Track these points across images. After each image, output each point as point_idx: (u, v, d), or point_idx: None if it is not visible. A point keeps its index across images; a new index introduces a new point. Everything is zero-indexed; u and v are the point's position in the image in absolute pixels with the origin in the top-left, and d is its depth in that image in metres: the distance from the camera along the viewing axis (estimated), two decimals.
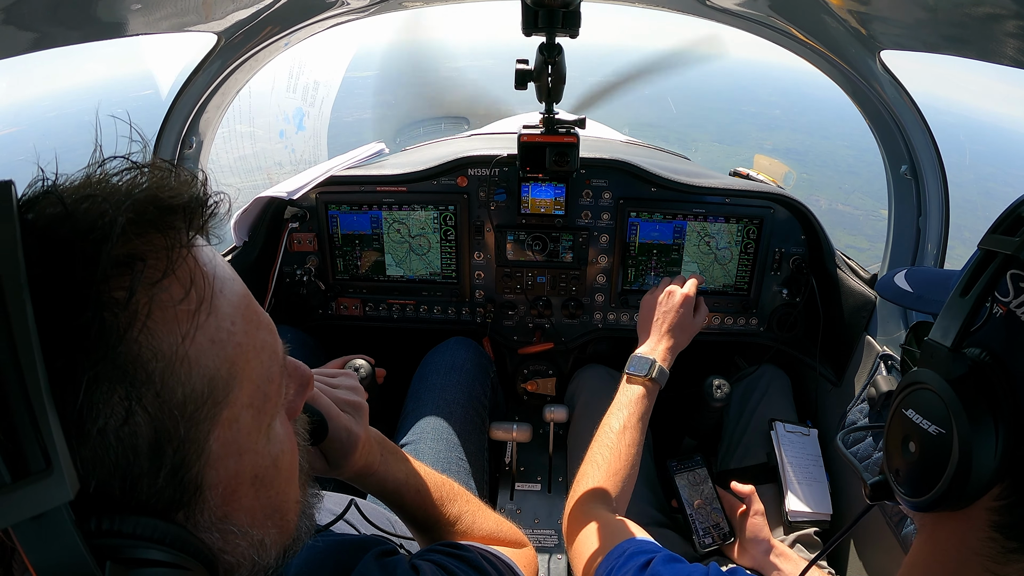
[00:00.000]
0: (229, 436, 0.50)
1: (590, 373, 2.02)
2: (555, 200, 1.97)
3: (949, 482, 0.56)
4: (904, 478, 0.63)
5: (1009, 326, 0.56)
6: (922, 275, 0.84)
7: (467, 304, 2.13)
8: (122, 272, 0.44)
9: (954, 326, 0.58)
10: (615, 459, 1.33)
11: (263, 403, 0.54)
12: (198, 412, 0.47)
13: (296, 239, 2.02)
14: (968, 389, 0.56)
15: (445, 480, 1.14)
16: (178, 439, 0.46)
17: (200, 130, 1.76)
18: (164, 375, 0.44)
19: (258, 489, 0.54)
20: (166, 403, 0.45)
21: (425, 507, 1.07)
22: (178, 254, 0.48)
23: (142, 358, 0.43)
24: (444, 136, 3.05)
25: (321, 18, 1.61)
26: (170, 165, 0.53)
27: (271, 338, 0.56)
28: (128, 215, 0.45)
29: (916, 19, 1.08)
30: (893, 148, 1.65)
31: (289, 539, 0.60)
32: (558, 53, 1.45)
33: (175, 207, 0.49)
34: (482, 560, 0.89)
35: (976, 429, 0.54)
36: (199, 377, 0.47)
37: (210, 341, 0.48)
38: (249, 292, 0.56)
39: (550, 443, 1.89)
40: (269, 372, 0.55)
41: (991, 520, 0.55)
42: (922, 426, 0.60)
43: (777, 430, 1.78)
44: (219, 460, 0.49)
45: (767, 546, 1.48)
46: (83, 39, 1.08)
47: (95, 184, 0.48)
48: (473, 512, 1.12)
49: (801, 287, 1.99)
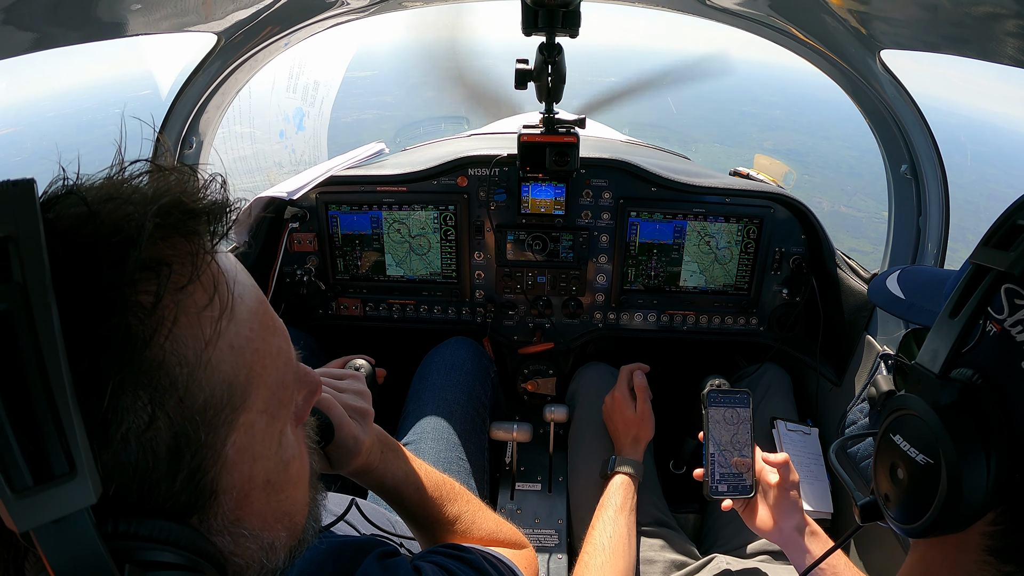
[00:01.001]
0: (244, 441, 0.50)
1: (590, 372, 2.02)
2: (555, 200, 1.97)
3: (938, 512, 0.54)
4: (893, 503, 0.61)
5: (1003, 346, 0.53)
6: (916, 277, 0.79)
7: (467, 304, 2.13)
8: (148, 277, 0.43)
9: (943, 350, 0.55)
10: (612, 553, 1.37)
11: (277, 409, 0.54)
12: (217, 417, 0.47)
13: (296, 239, 2.02)
14: (957, 418, 0.53)
15: (446, 479, 1.14)
16: (197, 444, 0.46)
17: (200, 130, 1.76)
18: (187, 381, 0.45)
19: (270, 493, 0.54)
20: (188, 408, 0.45)
21: (424, 505, 1.07)
22: (202, 259, 0.48)
23: (167, 364, 0.43)
24: (444, 136, 3.05)
25: (321, 18, 1.61)
26: (191, 169, 0.53)
27: (286, 344, 0.57)
28: (154, 219, 0.44)
29: (916, 18, 1.08)
30: (893, 148, 1.65)
31: (296, 540, 0.60)
32: (558, 53, 1.45)
33: (198, 212, 0.49)
34: (484, 562, 0.89)
35: (965, 459, 0.52)
36: (219, 383, 0.47)
37: (230, 347, 0.48)
38: (265, 298, 0.57)
39: (550, 443, 1.89)
40: (284, 378, 0.55)
41: (985, 544, 0.53)
42: (909, 454, 0.58)
43: (779, 428, 1.79)
44: (234, 465, 0.50)
45: (800, 522, 1.30)
46: (83, 39, 1.08)
47: (117, 186, 0.48)
48: (473, 512, 1.12)
49: (801, 287, 1.99)
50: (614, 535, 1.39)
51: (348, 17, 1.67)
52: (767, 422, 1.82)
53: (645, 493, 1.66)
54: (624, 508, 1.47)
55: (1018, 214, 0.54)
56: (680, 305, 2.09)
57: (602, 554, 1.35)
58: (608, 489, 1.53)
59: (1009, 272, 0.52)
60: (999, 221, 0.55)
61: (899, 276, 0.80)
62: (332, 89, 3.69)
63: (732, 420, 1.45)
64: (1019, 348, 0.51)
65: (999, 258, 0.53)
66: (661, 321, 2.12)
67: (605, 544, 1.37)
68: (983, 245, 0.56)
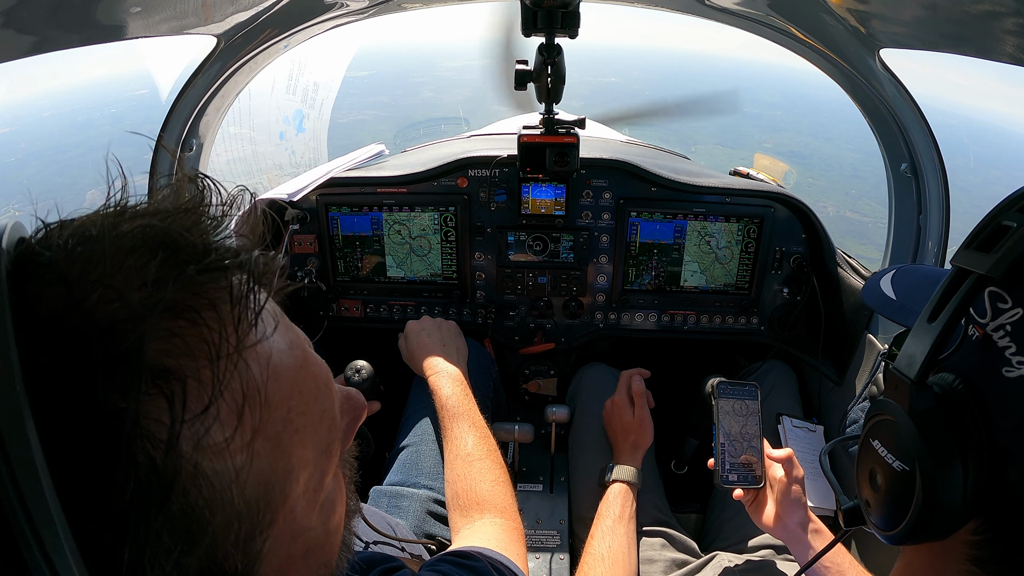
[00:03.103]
0: (283, 528, 0.44)
1: (591, 373, 2.02)
2: (555, 200, 1.97)
3: (915, 520, 0.53)
4: (874, 510, 0.61)
5: (985, 351, 0.51)
6: (910, 277, 0.77)
7: (468, 305, 2.13)
8: (153, 396, 0.34)
9: (919, 356, 0.53)
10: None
11: (320, 481, 0.48)
12: (253, 530, 0.41)
13: (297, 241, 2.02)
14: (933, 424, 0.52)
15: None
16: (233, 565, 0.40)
17: (200, 132, 1.76)
18: (218, 518, 0.37)
19: (309, 559, 0.49)
20: (220, 544, 0.38)
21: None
22: (225, 365, 0.37)
23: (196, 511, 0.36)
24: (444, 137, 3.05)
25: (320, 20, 1.61)
26: (202, 204, 0.42)
27: (327, 400, 0.48)
28: (155, 320, 0.35)
29: (915, 17, 1.08)
30: (893, 146, 1.65)
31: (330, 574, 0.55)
32: (557, 53, 1.45)
33: (216, 268, 0.38)
34: (491, 570, 0.88)
35: (941, 467, 0.51)
36: (253, 492, 0.40)
37: (266, 441, 0.41)
38: (305, 352, 0.47)
39: (552, 444, 1.89)
40: (328, 446, 0.48)
41: (968, 554, 0.53)
42: (887, 460, 0.57)
43: (784, 424, 1.79)
44: (271, 554, 0.44)
45: (803, 518, 1.31)
46: (83, 42, 1.08)
47: (107, 256, 0.36)
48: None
49: (802, 286, 1.99)
50: (613, 545, 1.39)
51: (347, 19, 1.67)
52: (772, 418, 1.82)
53: (646, 493, 1.66)
54: (623, 517, 1.46)
55: (1002, 215, 0.52)
56: (681, 305, 2.09)
57: (601, 564, 1.34)
58: (606, 497, 1.52)
59: (991, 275, 0.50)
60: (983, 222, 0.54)
61: (894, 276, 0.78)
62: (332, 90, 3.69)
63: (741, 412, 1.47)
64: (1001, 354, 0.50)
65: (980, 261, 0.51)
66: (662, 321, 2.12)
67: (604, 554, 1.36)
68: (965, 248, 0.54)
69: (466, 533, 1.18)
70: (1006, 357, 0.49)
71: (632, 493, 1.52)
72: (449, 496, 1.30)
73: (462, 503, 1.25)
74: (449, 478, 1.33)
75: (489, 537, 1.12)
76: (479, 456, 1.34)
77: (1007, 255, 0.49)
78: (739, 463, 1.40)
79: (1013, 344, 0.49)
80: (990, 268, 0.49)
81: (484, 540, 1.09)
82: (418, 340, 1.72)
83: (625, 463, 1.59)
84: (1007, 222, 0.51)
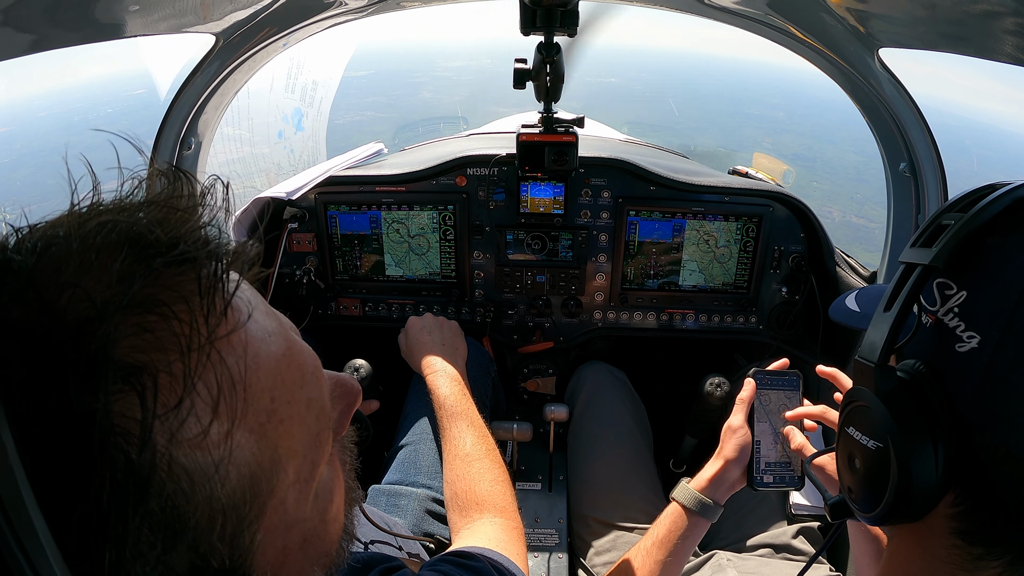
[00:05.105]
0: (275, 521, 0.44)
1: (590, 371, 2.02)
2: (554, 199, 1.97)
3: (894, 494, 0.56)
4: (856, 495, 0.64)
5: (939, 334, 0.56)
6: (872, 292, 0.86)
7: (467, 304, 2.13)
8: (125, 393, 0.34)
9: (879, 340, 0.59)
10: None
11: (311, 471, 0.47)
12: (241, 522, 0.40)
13: (295, 239, 2.02)
14: (899, 402, 0.56)
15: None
16: (221, 564, 0.39)
17: (199, 131, 1.76)
18: (200, 512, 0.37)
19: (307, 549, 0.49)
20: (204, 538, 0.38)
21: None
22: (197, 357, 0.37)
23: (175, 506, 0.35)
24: (442, 136, 3.05)
25: (319, 18, 1.61)
26: (172, 197, 0.42)
27: (316, 388, 0.47)
28: (123, 316, 0.34)
29: (914, 16, 1.08)
30: (892, 146, 1.65)
31: (334, 566, 0.54)
32: (556, 52, 1.45)
33: (183, 259, 0.38)
34: (492, 571, 0.88)
35: (911, 440, 0.54)
36: (238, 484, 0.39)
37: (248, 432, 0.40)
38: (287, 334, 0.46)
39: (551, 442, 1.89)
40: (317, 435, 0.47)
41: (951, 527, 0.55)
42: (862, 442, 0.61)
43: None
44: (264, 547, 0.43)
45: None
46: (82, 41, 1.08)
47: (74, 256, 0.36)
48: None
49: (801, 285, 1.99)
50: (641, 569, 1.23)
51: (346, 17, 1.67)
52: None
53: (645, 492, 1.66)
54: (664, 543, 1.24)
55: (942, 216, 0.58)
56: (679, 304, 2.09)
57: None
58: (663, 513, 1.31)
59: (934, 266, 0.56)
60: (925, 224, 0.60)
61: (857, 294, 0.86)
62: (331, 89, 3.69)
63: (781, 404, 1.30)
64: (952, 332, 0.55)
65: (925, 255, 0.57)
66: (661, 320, 2.12)
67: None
68: (910, 247, 0.60)
69: (466, 533, 1.18)
70: (957, 335, 0.54)
71: (686, 519, 1.25)
72: (448, 496, 1.30)
73: (461, 503, 1.24)
74: (448, 478, 1.32)
75: (489, 537, 1.12)
76: (478, 455, 1.33)
77: (947, 246, 0.55)
78: (775, 462, 1.27)
79: (962, 323, 0.54)
80: (932, 259, 0.56)
81: (484, 540, 1.09)
82: (418, 337, 1.72)
83: (701, 475, 1.31)
84: (946, 221, 0.57)
